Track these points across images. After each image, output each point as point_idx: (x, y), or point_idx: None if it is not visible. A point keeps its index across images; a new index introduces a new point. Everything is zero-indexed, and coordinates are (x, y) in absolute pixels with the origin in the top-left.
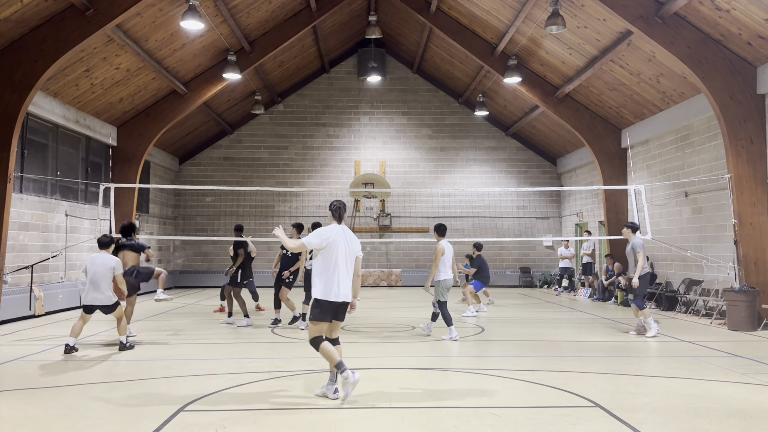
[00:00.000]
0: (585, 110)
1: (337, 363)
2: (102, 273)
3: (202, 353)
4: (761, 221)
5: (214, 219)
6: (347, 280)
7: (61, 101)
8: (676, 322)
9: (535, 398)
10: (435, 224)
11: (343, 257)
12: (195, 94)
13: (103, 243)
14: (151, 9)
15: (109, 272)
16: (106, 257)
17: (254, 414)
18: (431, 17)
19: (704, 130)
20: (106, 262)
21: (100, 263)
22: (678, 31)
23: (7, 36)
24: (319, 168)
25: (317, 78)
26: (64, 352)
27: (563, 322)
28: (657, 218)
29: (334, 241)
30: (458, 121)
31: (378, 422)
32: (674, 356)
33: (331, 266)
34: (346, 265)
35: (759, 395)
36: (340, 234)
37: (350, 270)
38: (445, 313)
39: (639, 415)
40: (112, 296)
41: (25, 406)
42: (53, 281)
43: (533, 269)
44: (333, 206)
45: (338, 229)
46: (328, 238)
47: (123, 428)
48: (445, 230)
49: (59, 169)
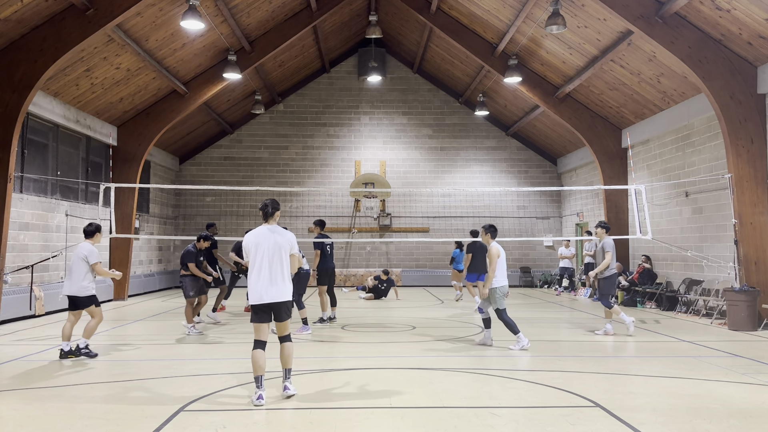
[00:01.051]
0: (585, 110)
1: (255, 377)
2: (72, 262)
3: (202, 353)
4: (762, 221)
5: (214, 219)
6: (275, 280)
7: (62, 101)
8: (677, 322)
9: (535, 398)
10: (486, 224)
11: (267, 258)
12: (195, 93)
13: (86, 232)
14: (152, 9)
15: (80, 262)
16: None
17: (254, 414)
18: (431, 17)
19: (705, 130)
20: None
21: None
22: (678, 30)
23: (8, 36)
24: (319, 168)
25: (317, 78)
26: (60, 357)
27: (563, 322)
28: (657, 218)
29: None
30: (458, 121)
31: (378, 422)
32: (674, 356)
33: (255, 269)
34: (270, 265)
35: (759, 395)
36: (261, 236)
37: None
38: (508, 321)
39: (639, 415)
40: (83, 289)
41: (25, 406)
42: (53, 281)
43: (533, 269)
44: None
45: (259, 232)
46: (247, 245)
47: (123, 428)
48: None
49: (59, 169)
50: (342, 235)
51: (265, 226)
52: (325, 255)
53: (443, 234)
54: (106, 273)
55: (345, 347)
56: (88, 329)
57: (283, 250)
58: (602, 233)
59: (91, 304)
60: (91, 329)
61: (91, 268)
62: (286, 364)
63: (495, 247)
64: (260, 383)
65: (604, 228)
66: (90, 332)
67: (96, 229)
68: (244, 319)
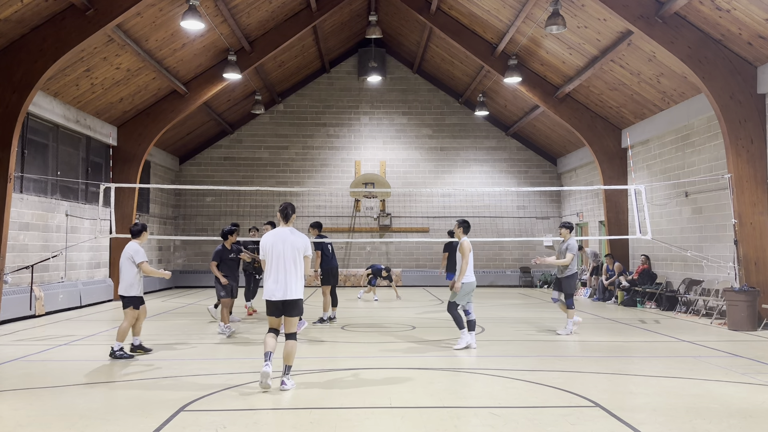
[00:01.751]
0: (585, 110)
1: (265, 353)
2: (121, 262)
3: (202, 353)
4: (761, 221)
5: (214, 219)
6: (288, 279)
7: (62, 101)
8: (677, 322)
9: (535, 398)
10: (459, 220)
11: (281, 259)
12: (195, 94)
13: (132, 231)
14: (152, 9)
15: (126, 261)
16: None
17: (254, 414)
18: (431, 17)
19: (704, 130)
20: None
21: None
22: (678, 30)
23: (8, 36)
24: (319, 168)
25: (317, 78)
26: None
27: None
28: (657, 218)
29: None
30: (458, 121)
31: (378, 422)
32: (674, 356)
33: (271, 267)
34: (285, 265)
35: (759, 395)
36: (279, 237)
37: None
38: (456, 316)
39: (639, 415)
40: (128, 288)
41: (25, 406)
42: (53, 281)
43: (533, 269)
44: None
45: (277, 233)
46: (264, 244)
47: (123, 428)
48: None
49: (59, 169)
50: (342, 236)
51: (284, 227)
52: (327, 255)
53: (443, 234)
54: (153, 272)
55: (345, 347)
56: (120, 332)
57: (298, 251)
58: (566, 233)
59: (129, 306)
60: (123, 331)
61: (137, 267)
62: (287, 361)
63: (467, 242)
64: (269, 358)
65: (567, 228)
66: (121, 334)
67: (142, 228)
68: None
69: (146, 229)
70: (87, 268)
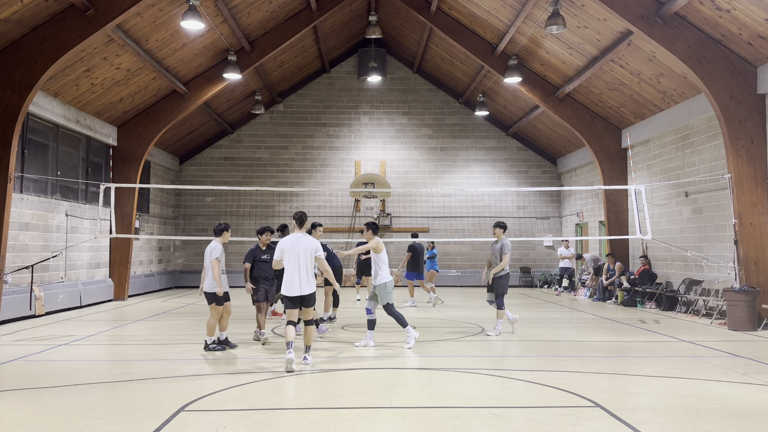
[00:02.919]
0: (585, 110)
1: (286, 342)
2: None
3: (202, 353)
4: (761, 221)
5: (214, 219)
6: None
7: (62, 101)
8: (677, 322)
9: (535, 398)
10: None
11: (295, 260)
12: (195, 94)
13: (215, 231)
14: (152, 9)
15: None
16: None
17: (254, 414)
18: (431, 17)
19: (704, 130)
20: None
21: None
22: (678, 31)
23: (8, 36)
24: (319, 168)
25: (317, 78)
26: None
27: (563, 322)
28: (657, 218)
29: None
30: (458, 121)
31: (378, 422)
32: (674, 356)
33: (289, 268)
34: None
35: (759, 395)
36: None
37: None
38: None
39: (639, 415)
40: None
41: (25, 406)
42: (53, 281)
43: (533, 269)
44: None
45: (292, 237)
46: (282, 247)
47: (123, 428)
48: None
49: (59, 169)
50: (342, 236)
51: (298, 232)
52: (329, 254)
53: (443, 234)
54: (216, 273)
55: (345, 347)
56: (207, 327)
57: (310, 253)
58: (500, 233)
59: (212, 302)
60: (210, 326)
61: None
62: (307, 342)
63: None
64: (290, 347)
65: (501, 228)
66: (210, 329)
67: (224, 228)
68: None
69: (228, 229)
70: (87, 268)
